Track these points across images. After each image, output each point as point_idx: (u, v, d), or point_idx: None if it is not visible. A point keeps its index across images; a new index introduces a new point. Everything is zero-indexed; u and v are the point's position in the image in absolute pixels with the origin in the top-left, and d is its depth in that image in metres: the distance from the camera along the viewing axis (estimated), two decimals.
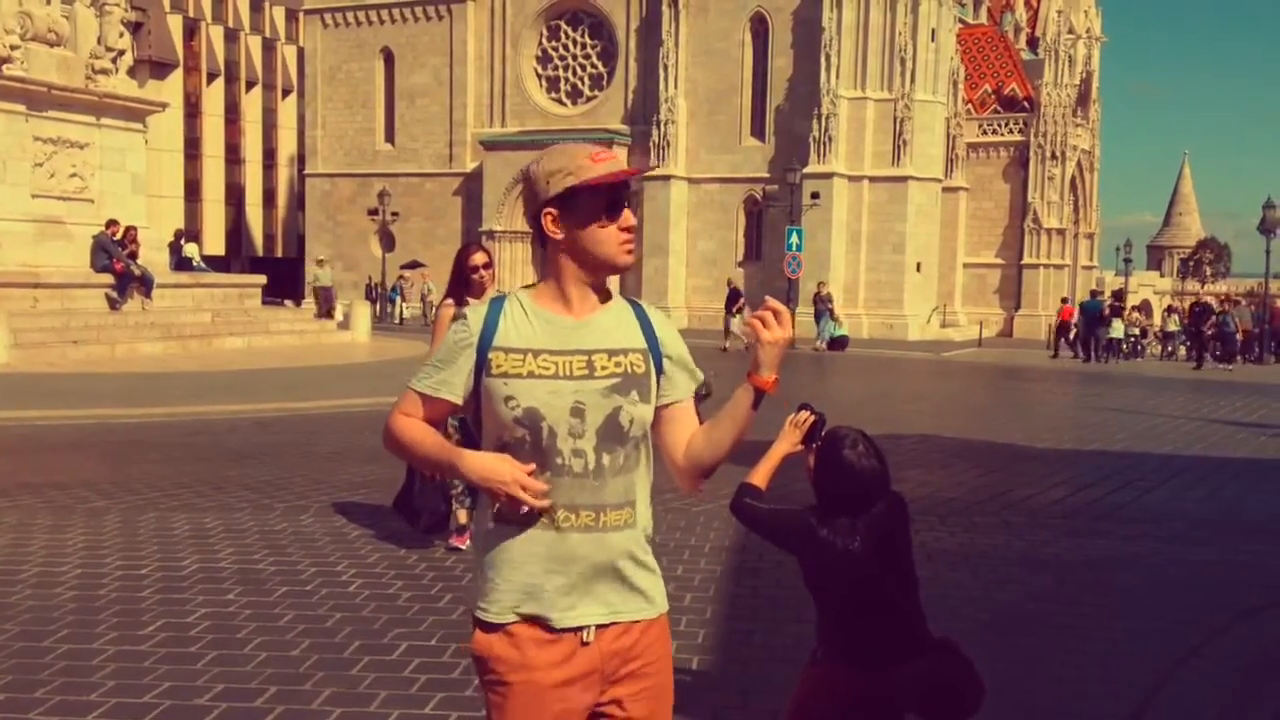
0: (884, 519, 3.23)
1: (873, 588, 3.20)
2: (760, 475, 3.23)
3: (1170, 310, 42.19)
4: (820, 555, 3.19)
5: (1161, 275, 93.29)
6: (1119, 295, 42.91)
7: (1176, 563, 7.88)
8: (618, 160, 2.47)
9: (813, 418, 3.10)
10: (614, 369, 2.45)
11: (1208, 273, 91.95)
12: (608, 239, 2.45)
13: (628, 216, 2.46)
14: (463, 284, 7.07)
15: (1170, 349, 37.50)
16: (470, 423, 2.57)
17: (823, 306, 35.28)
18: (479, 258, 7.14)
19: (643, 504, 2.52)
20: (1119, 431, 15.62)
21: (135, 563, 6.88)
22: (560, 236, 2.46)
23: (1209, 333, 32.34)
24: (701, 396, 2.67)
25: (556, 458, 2.41)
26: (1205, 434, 15.54)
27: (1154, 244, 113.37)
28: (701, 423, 2.60)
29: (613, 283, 2.62)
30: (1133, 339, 37.38)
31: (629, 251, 2.48)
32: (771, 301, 2.49)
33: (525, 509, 2.39)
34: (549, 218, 2.45)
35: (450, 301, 7.06)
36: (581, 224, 2.44)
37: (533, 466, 2.40)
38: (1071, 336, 34.92)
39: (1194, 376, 27.71)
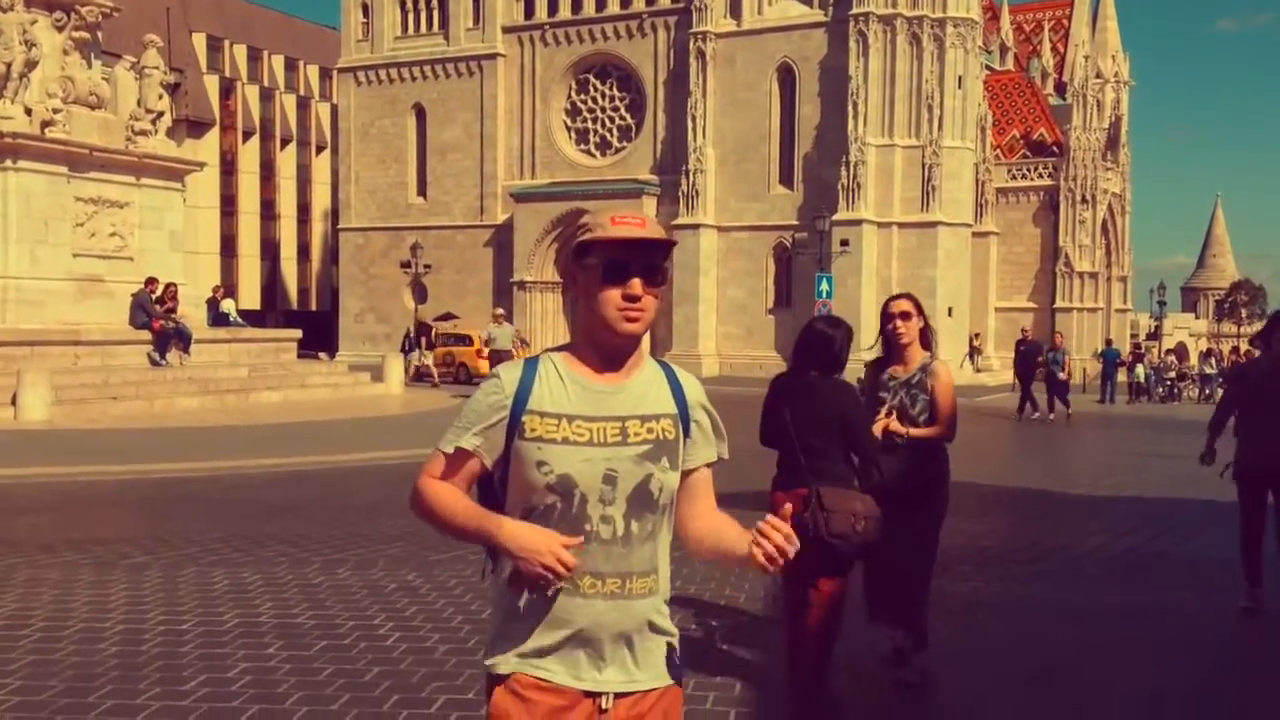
0: (839, 387, 5.29)
1: (815, 427, 5.19)
2: None
3: (1207, 354, 41.88)
4: (783, 393, 5.41)
5: (1197, 317, 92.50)
6: (1138, 345, 43.08)
7: (1216, 613, 7.79)
8: (639, 227, 2.40)
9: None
10: (646, 435, 2.44)
11: (1243, 314, 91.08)
12: (607, 302, 2.40)
13: (635, 285, 2.39)
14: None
15: (1208, 392, 37.20)
16: (495, 482, 2.52)
17: None
18: (899, 305, 5.85)
19: (664, 570, 2.51)
20: (1156, 477, 15.46)
21: (176, 618, 6.96)
22: (576, 292, 2.48)
23: (1039, 375, 27.18)
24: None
25: (585, 524, 2.39)
26: None
27: (1188, 286, 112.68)
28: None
29: (644, 341, 2.57)
30: (1169, 382, 37.22)
31: (629, 320, 2.40)
32: (776, 521, 2.36)
33: (553, 587, 2.36)
34: (570, 274, 2.48)
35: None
36: (590, 282, 2.43)
37: (577, 540, 2.36)
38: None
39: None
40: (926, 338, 5.87)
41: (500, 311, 30.01)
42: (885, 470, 5.48)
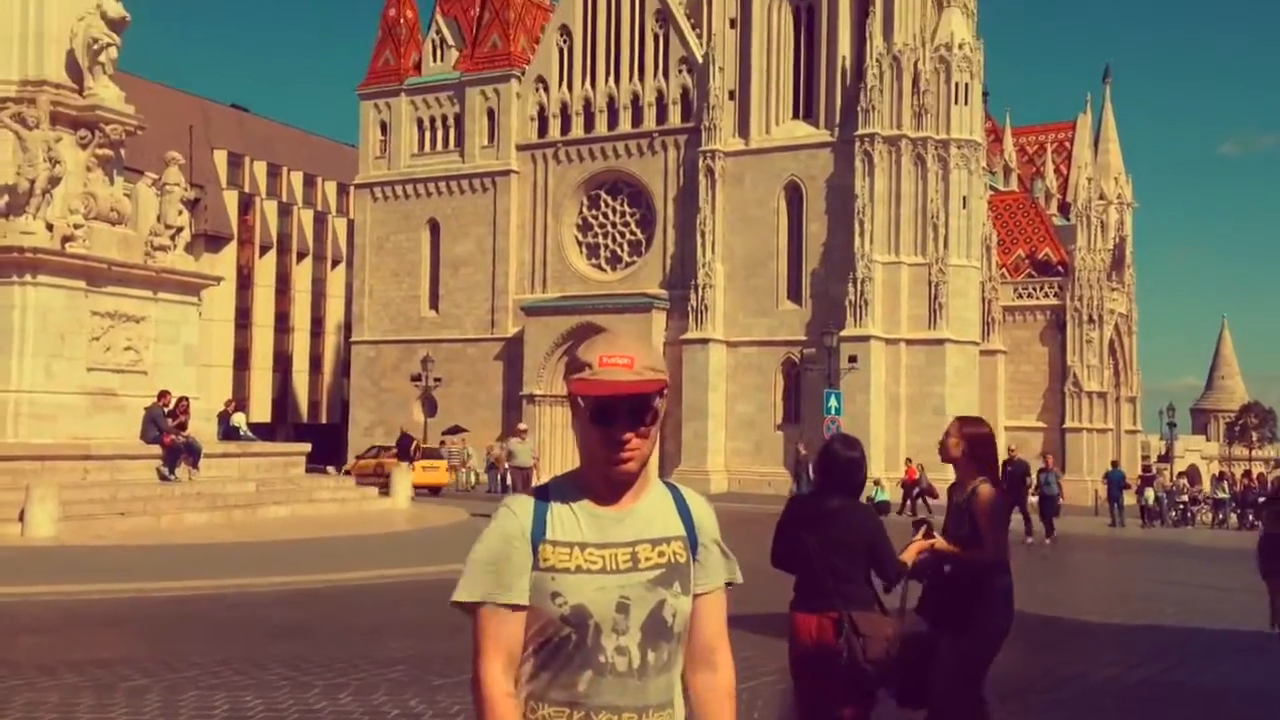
0: (862, 513, 5.38)
1: (839, 550, 5.16)
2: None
3: (1220, 478, 41.67)
4: (802, 515, 5.46)
5: (1208, 439, 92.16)
6: (1149, 467, 43.22)
7: None
8: (625, 370, 2.33)
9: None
10: (657, 559, 2.38)
11: (1254, 438, 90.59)
12: (595, 444, 2.36)
13: (621, 432, 2.33)
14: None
15: (1221, 516, 36.94)
16: None
17: (800, 468, 35.03)
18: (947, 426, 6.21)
19: (679, 702, 2.44)
20: (1170, 605, 15.27)
21: None
22: (576, 422, 2.44)
23: (1032, 497, 26.27)
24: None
25: (599, 655, 2.32)
26: (1261, 608, 15.10)
27: (1198, 407, 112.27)
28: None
29: (651, 460, 2.48)
30: (1181, 505, 37.11)
31: (619, 463, 2.35)
32: None
33: None
34: (570, 399, 2.41)
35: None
36: (581, 420, 2.39)
37: None
38: (915, 494, 35.10)
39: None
40: (983, 463, 5.94)
41: (524, 426, 29.62)
42: (926, 592, 5.55)
